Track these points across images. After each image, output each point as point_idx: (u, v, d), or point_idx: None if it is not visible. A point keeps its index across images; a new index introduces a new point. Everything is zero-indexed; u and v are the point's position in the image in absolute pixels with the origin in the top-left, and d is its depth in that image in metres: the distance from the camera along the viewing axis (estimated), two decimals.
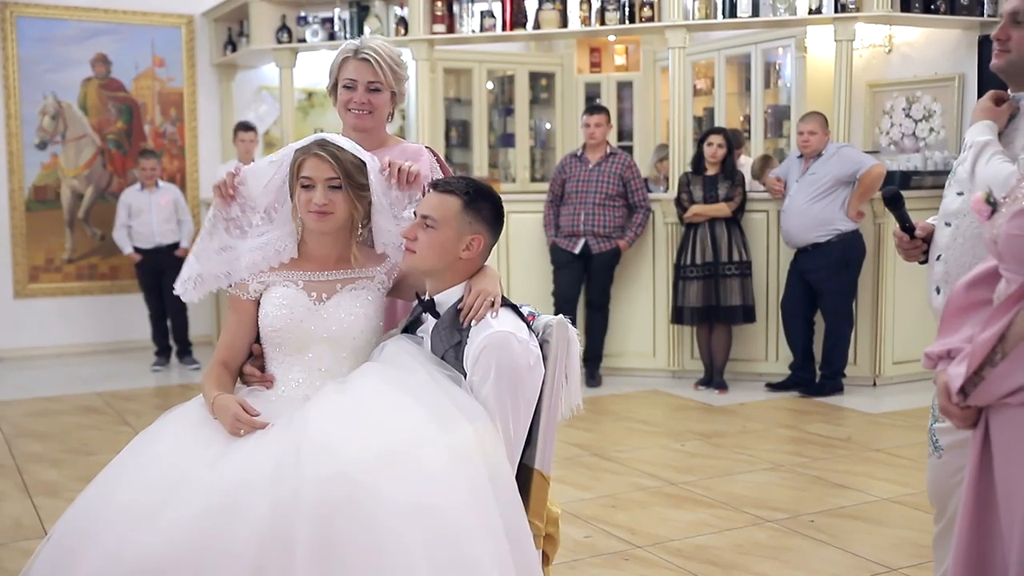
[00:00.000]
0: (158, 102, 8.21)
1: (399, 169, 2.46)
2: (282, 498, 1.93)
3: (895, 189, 2.59)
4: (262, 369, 2.43)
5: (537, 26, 6.88)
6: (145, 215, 7.25)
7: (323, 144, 2.35)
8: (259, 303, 2.40)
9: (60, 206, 7.93)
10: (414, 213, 2.37)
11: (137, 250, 7.23)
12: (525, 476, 2.25)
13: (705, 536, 3.73)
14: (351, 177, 2.35)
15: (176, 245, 7.24)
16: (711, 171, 6.25)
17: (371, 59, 2.68)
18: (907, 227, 2.48)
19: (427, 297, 2.37)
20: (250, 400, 2.30)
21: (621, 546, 3.64)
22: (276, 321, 2.35)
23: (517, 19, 6.89)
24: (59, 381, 6.88)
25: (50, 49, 7.80)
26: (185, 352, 7.35)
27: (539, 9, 6.83)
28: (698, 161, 6.32)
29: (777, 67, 8.10)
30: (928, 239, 2.45)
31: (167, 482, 2.02)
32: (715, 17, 6.51)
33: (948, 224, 2.36)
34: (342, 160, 2.34)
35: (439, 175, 2.71)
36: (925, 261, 2.47)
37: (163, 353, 7.36)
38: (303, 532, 1.88)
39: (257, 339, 2.44)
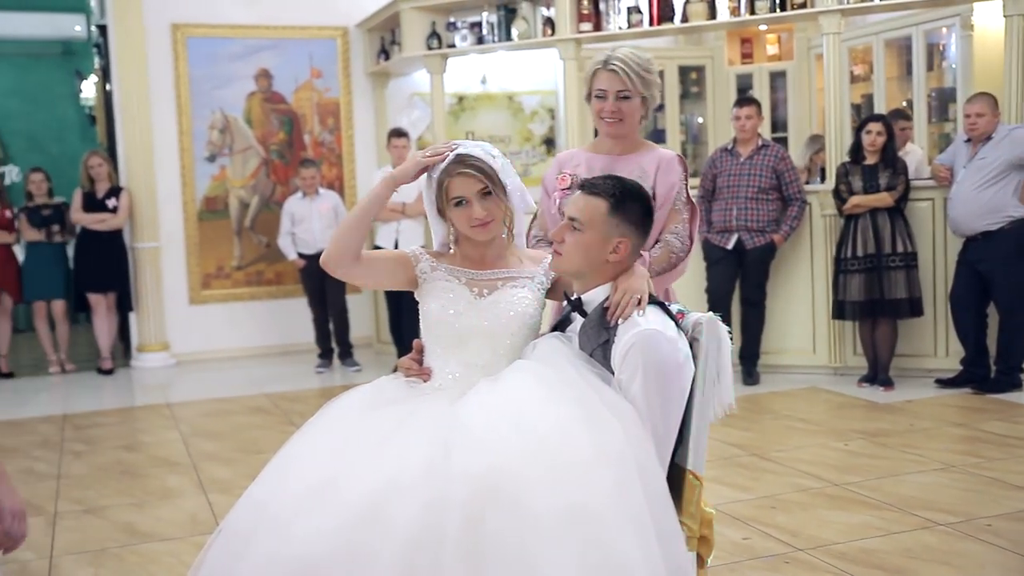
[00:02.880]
0: (316, 112, 8.51)
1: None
2: (433, 496, 1.96)
3: None
4: (420, 364, 2.48)
5: (685, 19, 6.78)
6: (307, 222, 7.52)
7: (462, 161, 2.39)
8: (416, 280, 2.46)
9: (228, 216, 8.32)
10: (561, 213, 2.38)
11: (301, 256, 7.51)
12: (677, 476, 2.22)
13: (871, 539, 3.59)
14: (496, 182, 2.39)
15: None
16: (871, 160, 6.02)
17: (618, 69, 2.85)
18: None
19: (575, 296, 2.37)
20: (407, 392, 2.37)
21: (781, 548, 3.55)
22: (438, 314, 2.41)
23: (664, 13, 6.81)
24: (230, 383, 7.22)
25: (217, 67, 8.20)
26: (347, 354, 7.59)
27: (687, 2, 6.73)
28: (857, 150, 6.09)
29: (941, 48, 7.73)
30: None
31: (324, 479, 2.08)
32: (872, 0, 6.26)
33: None
34: (484, 169, 2.38)
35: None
36: None
37: (326, 355, 7.61)
38: (453, 529, 1.91)
39: (419, 333, 2.51)
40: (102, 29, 8.40)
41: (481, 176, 2.37)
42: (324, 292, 7.35)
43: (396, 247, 7.12)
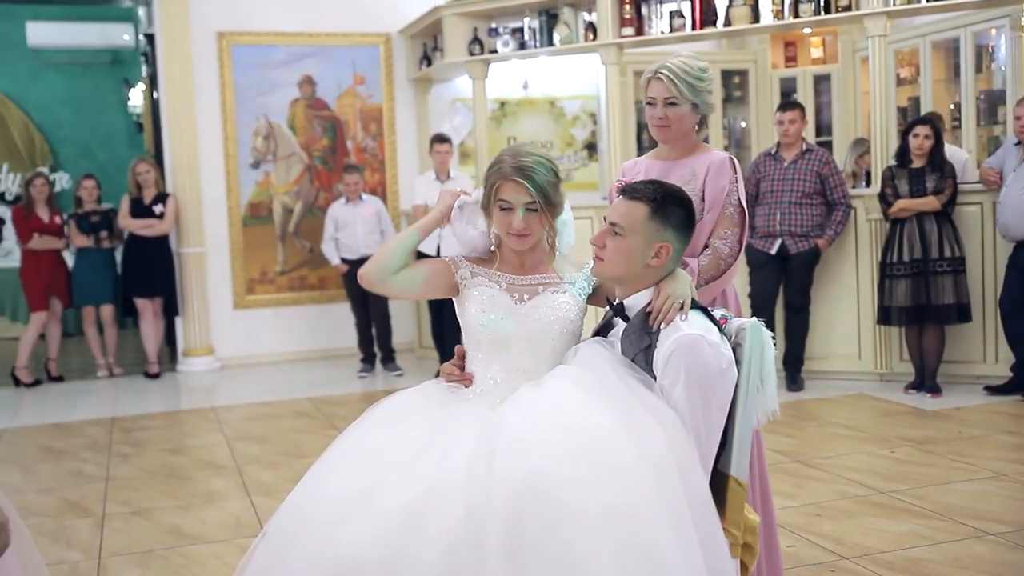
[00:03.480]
0: (359, 118, 8.56)
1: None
2: (474, 500, 1.96)
3: None
4: (461, 369, 2.49)
5: (728, 23, 6.73)
6: (351, 227, 7.57)
7: (520, 169, 2.38)
8: (457, 287, 2.48)
9: (272, 221, 8.40)
10: (604, 218, 2.37)
11: (344, 261, 7.56)
12: (720, 483, 2.20)
13: (919, 548, 3.54)
14: (548, 199, 2.39)
15: None
16: (917, 163, 5.95)
17: (664, 77, 2.94)
18: None
19: (617, 301, 2.36)
20: (448, 397, 2.38)
21: (827, 556, 3.51)
22: (479, 319, 2.42)
23: (707, 17, 6.77)
24: (274, 387, 7.28)
25: (261, 74, 8.28)
26: (389, 359, 7.63)
27: (729, 6, 6.68)
28: (903, 153, 6.02)
29: (990, 49, 7.60)
30: None
31: (366, 485, 2.09)
32: (918, 1, 6.17)
33: None
34: (539, 185, 2.37)
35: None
36: None
37: (368, 360, 7.66)
38: (494, 533, 1.91)
39: (460, 339, 2.52)
40: (149, 38, 8.54)
41: (531, 191, 2.37)
42: (367, 297, 7.38)
43: (438, 252, 7.14)
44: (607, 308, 2.42)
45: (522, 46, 7.51)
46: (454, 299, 2.52)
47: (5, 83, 11.39)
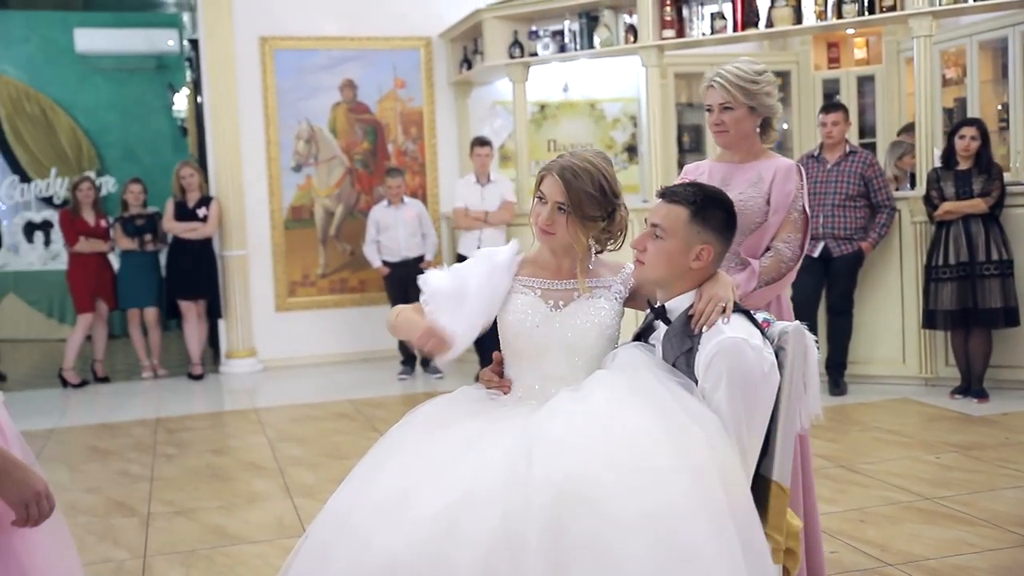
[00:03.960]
0: (400, 122, 8.61)
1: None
2: (514, 504, 1.96)
3: None
4: (500, 375, 2.49)
5: (770, 24, 6.68)
6: (392, 230, 7.61)
7: (564, 168, 2.38)
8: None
9: (314, 224, 8.47)
10: (644, 221, 2.36)
11: (385, 263, 7.60)
12: (762, 487, 2.18)
13: (965, 556, 3.48)
14: (581, 207, 2.36)
15: (421, 258, 7.57)
16: (964, 165, 5.86)
17: (717, 84, 2.99)
18: None
19: (658, 304, 2.35)
20: (487, 404, 2.38)
21: (870, 563, 3.47)
22: (515, 327, 2.41)
23: (749, 18, 6.72)
24: (315, 389, 7.33)
25: (303, 78, 8.35)
26: (429, 361, 7.65)
27: (772, 7, 6.63)
28: (949, 155, 5.94)
29: None
30: None
31: (406, 488, 2.10)
32: (965, 1, 6.08)
33: None
34: (575, 188, 2.35)
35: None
36: None
37: (408, 362, 7.69)
38: (534, 536, 1.90)
39: (498, 346, 2.51)
40: (194, 43, 8.64)
41: (565, 191, 2.35)
42: (407, 299, 7.29)
43: None
44: (647, 311, 2.41)
45: (562, 49, 7.51)
46: None
47: (54, 89, 11.59)
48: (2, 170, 11.62)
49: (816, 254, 6.14)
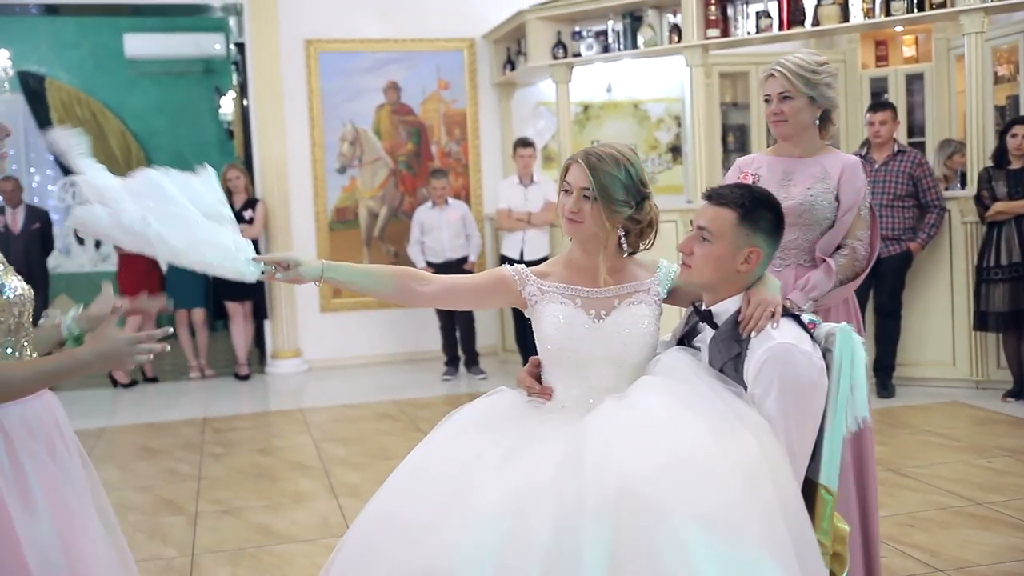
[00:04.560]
0: (443, 123, 8.63)
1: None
2: (565, 515, 1.93)
3: None
4: (538, 379, 2.44)
5: (816, 23, 6.61)
6: (436, 231, 7.63)
7: (588, 154, 2.35)
8: (525, 301, 2.41)
9: (358, 226, 8.52)
10: (690, 223, 2.33)
11: (429, 264, 7.63)
12: (810, 491, 2.15)
13: (1018, 563, 3.42)
14: (606, 192, 2.31)
15: (465, 259, 7.58)
16: (1016, 164, 5.76)
17: (777, 73, 2.96)
18: None
19: (703, 307, 2.32)
20: (530, 411, 2.34)
21: (920, 568, 3.41)
22: (556, 341, 2.35)
23: (794, 17, 6.65)
24: (359, 389, 7.38)
25: (347, 80, 8.41)
26: (473, 362, 7.66)
27: (818, 5, 6.56)
28: (1001, 154, 5.83)
29: None
30: None
31: (449, 494, 2.08)
32: None
33: None
34: (599, 172, 2.31)
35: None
36: None
37: (452, 363, 7.70)
38: (587, 549, 1.88)
39: (535, 351, 2.47)
40: (240, 47, 8.73)
41: (589, 176, 2.30)
42: None
43: (521, 257, 7.16)
44: (691, 311, 2.39)
45: (606, 49, 7.49)
46: (525, 312, 2.46)
47: (104, 93, 11.77)
48: (54, 173, 11.83)
49: None
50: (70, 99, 11.62)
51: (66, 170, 11.56)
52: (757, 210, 2.26)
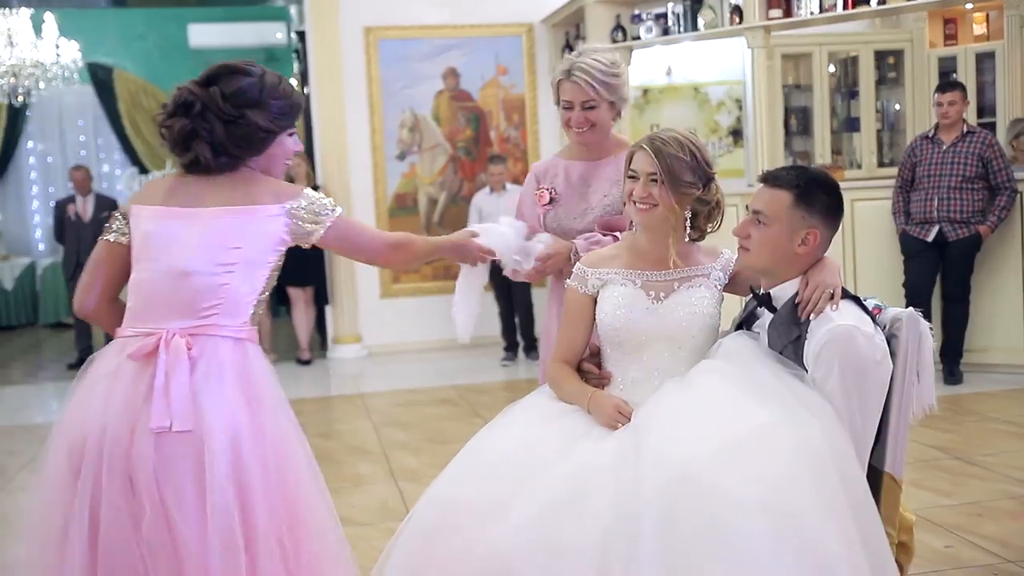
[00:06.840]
0: (502, 109, 8.63)
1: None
2: (625, 497, 1.94)
3: None
4: (599, 366, 2.45)
5: (883, 1, 6.46)
6: (494, 218, 7.59)
7: (651, 139, 2.35)
8: (595, 299, 2.43)
9: (418, 212, 8.56)
10: (747, 207, 2.31)
11: None
12: (874, 479, 2.12)
13: None
14: (673, 174, 2.31)
15: None
16: None
17: (581, 80, 2.84)
18: None
19: (762, 291, 2.29)
20: None
21: (989, 559, 3.34)
22: (615, 321, 2.36)
23: None
24: (419, 374, 7.43)
25: (407, 67, 8.44)
26: (532, 348, 7.67)
27: None
28: None
29: None
30: None
31: (511, 480, 2.10)
32: None
33: None
34: (664, 155, 2.31)
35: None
36: None
37: (511, 349, 7.72)
38: (647, 531, 1.88)
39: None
40: (301, 36, 8.81)
41: (655, 160, 2.31)
42: (510, 287, 7.44)
43: None
44: (750, 297, 2.36)
45: (666, 32, 7.40)
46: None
47: (169, 84, 11.70)
48: (122, 162, 12.08)
49: (931, 239, 5.93)
50: (137, 90, 11.84)
51: (134, 159, 11.82)
52: (813, 191, 2.23)
